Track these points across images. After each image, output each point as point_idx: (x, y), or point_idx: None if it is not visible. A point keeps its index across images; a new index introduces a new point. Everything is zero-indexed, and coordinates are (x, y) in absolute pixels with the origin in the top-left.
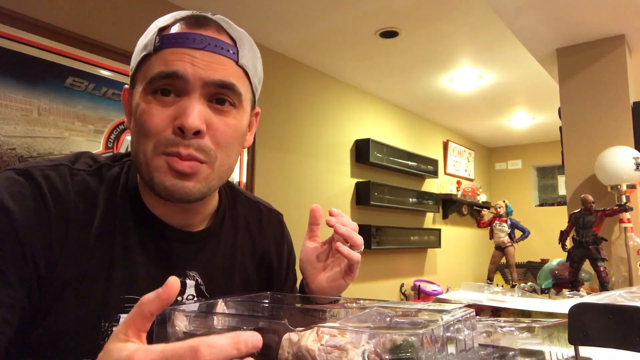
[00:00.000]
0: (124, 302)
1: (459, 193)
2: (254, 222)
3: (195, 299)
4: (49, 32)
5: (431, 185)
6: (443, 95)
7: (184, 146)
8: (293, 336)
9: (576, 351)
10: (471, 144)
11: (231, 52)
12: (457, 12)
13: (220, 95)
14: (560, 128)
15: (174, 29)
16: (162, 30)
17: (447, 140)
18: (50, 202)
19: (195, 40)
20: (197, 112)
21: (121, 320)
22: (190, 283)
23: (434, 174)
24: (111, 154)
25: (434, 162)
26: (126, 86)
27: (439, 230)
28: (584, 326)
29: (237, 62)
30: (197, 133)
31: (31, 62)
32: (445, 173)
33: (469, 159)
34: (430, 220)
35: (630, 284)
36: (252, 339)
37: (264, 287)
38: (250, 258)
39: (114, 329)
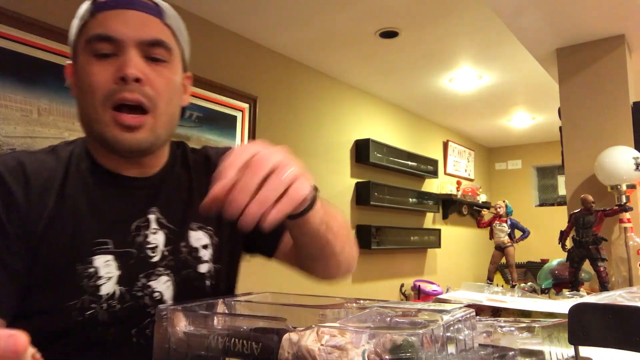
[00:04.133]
0: (94, 246)
1: (459, 193)
2: (202, 162)
3: (159, 230)
4: (49, 32)
5: (431, 186)
6: (443, 95)
7: (129, 91)
8: (293, 336)
9: (576, 351)
10: (471, 144)
11: (156, 11)
12: (457, 12)
13: (153, 54)
14: (560, 128)
15: None
16: (94, 1)
17: (447, 140)
18: (9, 183)
19: (126, 3)
20: (134, 62)
21: (95, 260)
22: (152, 218)
23: (434, 174)
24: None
25: (434, 162)
26: (68, 62)
27: (439, 230)
28: (584, 326)
29: (162, 21)
30: (138, 81)
31: (31, 62)
32: (445, 173)
33: (469, 159)
34: (430, 220)
35: (630, 284)
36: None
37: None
38: (204, 192)
39: (89, 270)
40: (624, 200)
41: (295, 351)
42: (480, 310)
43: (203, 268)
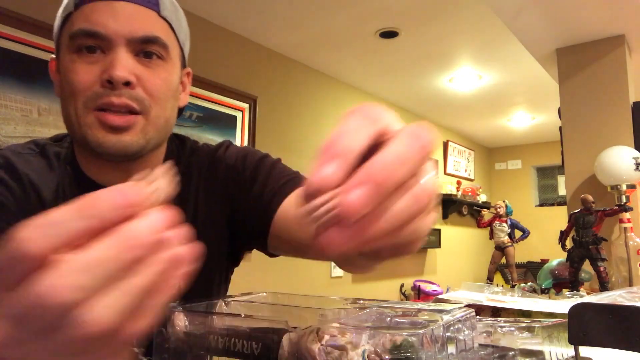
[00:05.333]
0: None
1: (459, 193)
2: (204, 164)
3: None
4: (50, 32)
5: None
6: (443, 95)
7: (116, 96)
8: (293, 336)
9: (576, 351)
10: (471, 144)
11: (152, 2)
12: (457, 12)
13: (146, 49)
14: (560, 128)
15: None
16: None
17: (447, 140)
18: (5, 180)
19: None
20: (123, 63)
21: None
22: None
23: None
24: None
25: (434, 162)
26: (52, 56)
27: (439, 230)
28: (584, 326)
29: (159, 13)
30: (127, 84)
31: (31, 62)
32: (445, 173)
33: (469, 159)
34: None
35: (630, 284)
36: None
37: (233, 219)
38: (204, 201)
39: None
40: (624, 200)
41: (295, 351)
42: (480, 310)
43: None
